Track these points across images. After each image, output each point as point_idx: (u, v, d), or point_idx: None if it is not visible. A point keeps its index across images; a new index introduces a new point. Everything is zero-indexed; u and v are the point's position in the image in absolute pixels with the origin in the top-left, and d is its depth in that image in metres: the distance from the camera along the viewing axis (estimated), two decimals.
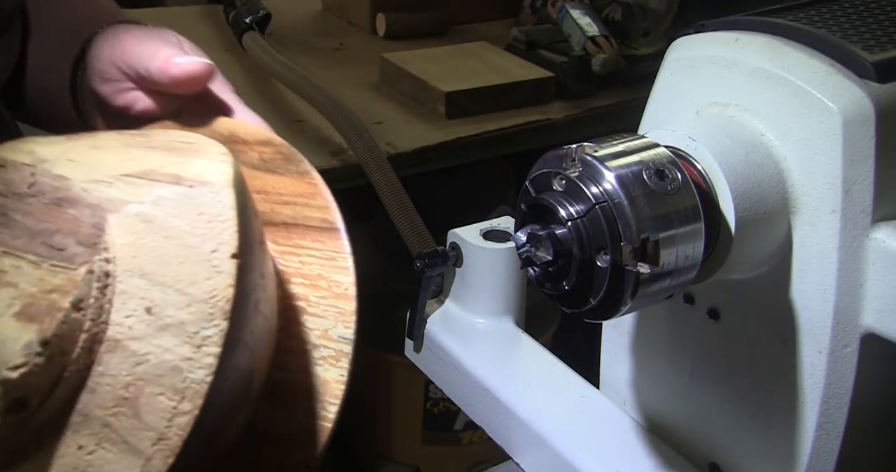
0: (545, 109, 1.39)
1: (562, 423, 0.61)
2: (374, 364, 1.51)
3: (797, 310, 0.49)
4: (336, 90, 0.98)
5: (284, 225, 0.50)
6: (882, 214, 0.46)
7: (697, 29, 0.53)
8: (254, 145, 0.52)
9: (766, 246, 0.48)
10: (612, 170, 0.42)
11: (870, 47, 0.48)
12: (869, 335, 0.47)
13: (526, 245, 0.46)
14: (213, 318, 0.37)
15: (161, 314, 0.37)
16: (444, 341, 0.70)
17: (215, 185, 0.41)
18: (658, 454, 0.59)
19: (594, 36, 1.43)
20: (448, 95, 1.32)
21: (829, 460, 0.50)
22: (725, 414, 0.55)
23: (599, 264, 0.43)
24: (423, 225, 0.72)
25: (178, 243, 0.39)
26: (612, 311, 0.44)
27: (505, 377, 0.66)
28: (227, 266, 0.38)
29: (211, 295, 0.37)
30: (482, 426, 0.67)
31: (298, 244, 0.49)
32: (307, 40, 1.63)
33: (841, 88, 0.46)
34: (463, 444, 1.55)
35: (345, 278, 0.48)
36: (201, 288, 0.38)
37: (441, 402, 1.50)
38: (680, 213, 0.43)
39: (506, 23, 1.73)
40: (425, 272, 0.69)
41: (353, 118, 0.89)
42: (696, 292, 0.54)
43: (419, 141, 1.26)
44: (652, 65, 1.25)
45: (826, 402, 0.49)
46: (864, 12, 0.53)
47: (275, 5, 1.32)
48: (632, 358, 0.61)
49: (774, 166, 0.47)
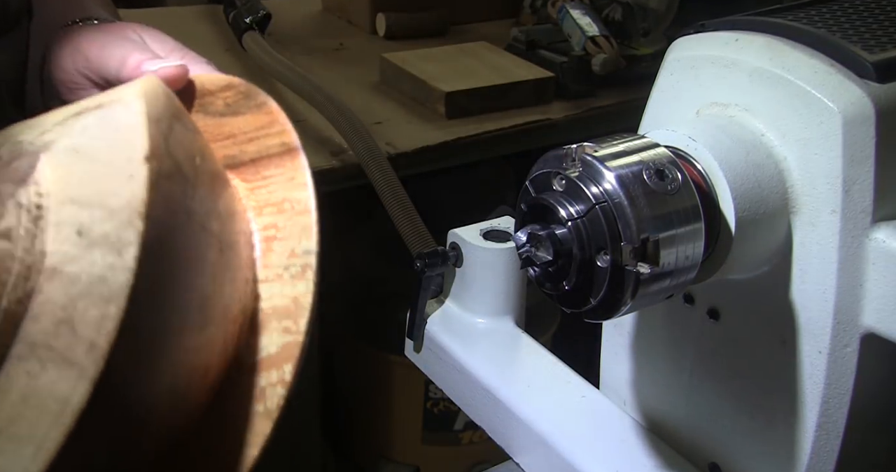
0: (545, 109, 1.39)
1: (562, 423, 0.61)
2: (374, 364, 1.51)
3: (797, 310, 0.49)
4: (336, 90, 0.98)
5: (252, 162, 0.51)
6: (882, 215, 0.46)
7: (697, 29, 0.53)
8: (218, 93, 0.54)
9: (766, 246, 0.48)
10: (612, 170, 0.42)
11: (870, 47, 0.48)
12: (869, 335, 0.47)
13: (526, 245, 0.46)
14: (132, 221, 0.39)
15: (89, 233, 0.39)
16: (444, 341, 0.70)
17: (125, 99, 0.43)
18: (658, 454, 0.59)
19: (594, 36, 1.43)
20: (448, 95, 1.32)
21: (829, 460, 0.50)
22: (725, 414, 0.55)
23: (599, 264, 0.43)
24: (423, 225, 0.72)
25: (100, 162, 0.40)
26: (612, 311, 0.44)
27: (505, 377, 0.66)
28: (140, 171, 0.40)
29: (128, 201, 0.39)
30: (482, 426, 0.67)
31: (265, 176, 0.51)
32: (307, 40, 1.63)
33: (841, 88, 0.46)
34: (463, 444, 1.55)
35: (303, 194, 0.49)
36: (120, 196, 0.39)
37: (441, 402, 1.50)
38: (680, 213, 0.43)
39: (506, 23, 1.73)
40: (425, 272, 0.69)
41: (353, 118, 0.89)
42: (696, 292, 0.54)
43: (419, 141, 1.26)
44: (652, 65, 1.25)
45: (826, 402, 0.49)
46: (864, 12, 0.53)
47: (275, 5, 1.32)
48: (632, 358, 0.61)
49: (774, 166, 0.47)
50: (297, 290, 0.47)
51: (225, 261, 0.45)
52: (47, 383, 0.38)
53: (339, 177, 1.18)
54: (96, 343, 0.38)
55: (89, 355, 0.37)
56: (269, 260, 0.48)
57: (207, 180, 0.46)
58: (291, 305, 0.47)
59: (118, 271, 0.38)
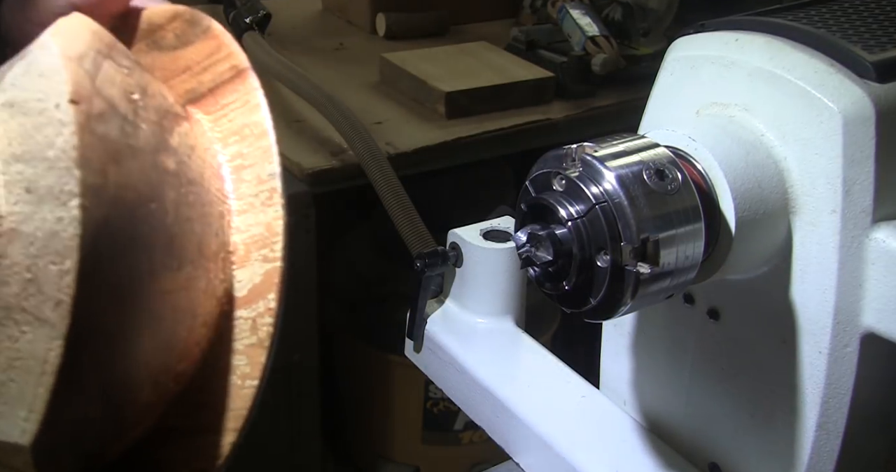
0: (545, 109, 1.39)
1: (562, 423, 0.61)
2: (374, 364, 1.51)
3: (797, 310, 0.49)
4: (336, 90, 0.98)
5: (210, 92, 0.50)
6: (882, 215, 0.46)
7: (697, 29, 0.53)
8: (166, 26, 0.53)
9: (766, 246, 0.48)
10: (612, 170, 0.42)
11: (870, 47, 0.48)
12: (869, 335, 0.47)
13: (526, 245, 0.46)
14: (69, 170, 0.38)
15: (36, 189, 0.38)
16: (444, 341, 0.70)
17: (45, 43, 0.41)
18: (658, 454, 0.59)
19: (594, 36, 1.43)
20: (448, 95, 1.32)
21: (829, 460, 0.50)
22: (725, 414, 0.55)
23: (599, 264, 0.43)
24: (423, 225, 0.72)
25: (33, 113, 0.40)
26: (612, 311, 0.44)
27: (505, 377, 0.66)
28: (69, 115, 0.39)
29: (62, 149, 0.38)
30: (482, 426, 0.67)
31: (223, 104, 0.50)
32: (307, 40, 1.63)
33: (841, 88, 0.46)
34: (463, 444, 1.55)
35: (258, 116, 0.49)
36: (56, 146, 0.38)
37: (441, 402, 1.50)
38: (680, 213, 0.43)
39: (506, 23, 1.73)
40: (425, 272, 0.69)
41: (353, 118, 0.89)
42: (696, 292, 0.54)
43: (419, 141, 1.26)
44: (652, 65, 1.25)
45: (826, 402, 0.49)
46: (864, 12, 0.53)
47: (275, 5, 1.32)
48: (632, 358, 0.61)
49: (774, 166, 0.47)
50: (268, 215, 0.47)
51: (189, 197, 0.44)
52: (26, 345, 0.38)
53: (339, 177, 1.19)
54: (60, 299, 0.38)
55: (56, 312, 0.38)
56: (241, 190, 0.48)
57: (152, 116, 0.45)
58: (265, 232, 0.47)
59: (66, 224, 0.38)
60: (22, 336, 0.38)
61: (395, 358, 1.46)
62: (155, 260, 0.42)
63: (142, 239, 0.42)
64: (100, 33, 0.45)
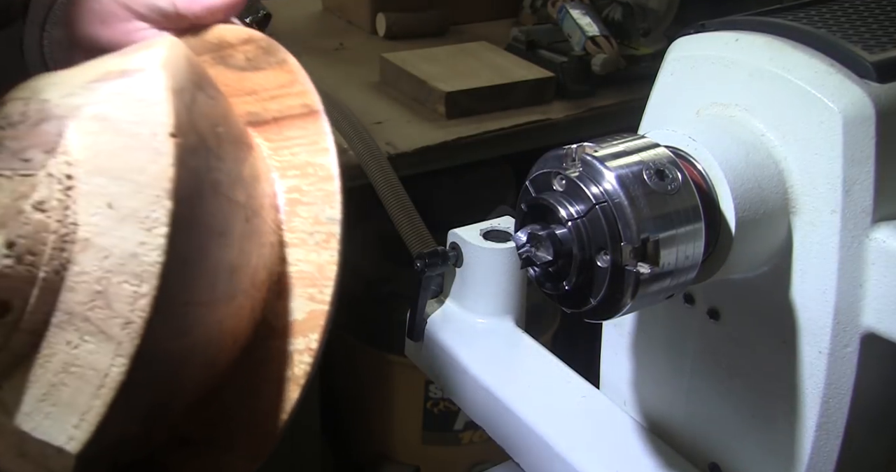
0: (545, 109, 1.39)
1: (562, 423, 0.61)
2: (374, 364, 1.51)
3: (797, 310, 0.49)
4: (336, 90, 0.98)
5: (274, 120, 0.50)
6: (882, 214, 0.46)
7: (697, 29, 0.53)
8: (238, 46, 0.52)
9: (766, 246, 0.48)
10: (612, 170, 0.42)
11: (870, 47, 0.48)
12: (869, 335, 0.47)
13: (526, 245, 0.46)
14: (159, 199, 0.39)
15: (119, 207, 0.39)
16: (444, 341, 0.70)
17: (148, 69, 0.42)
18: (658, 454, 0.59)
19: (594, 36, 1.43)
20: (448, 95, 1.32)
21: (829, 460, 0.50)
22: (725, 414, 0.55)
23: (599, 264, 0.43)
24: (423, 225, 0.73)
25: (126, 134, 0.40)
26: (612, 311, 0.44)
27: (505, 377, 0.66)
28: (167, 147, 0.40)
29: (155, 178, 0.39)
30: (482, 426, 0.67)
31: (287, 136, 0.50)
32: (307, 40, 1.63)
33: (841, 88, 0.46)
34: (463, 444, 1.54)
35: (326, 160, 0.49)
36: (148, 173, 0.39)
37: (441, 402, 1.49)
38: (680, 213, 0.43)
39: (506, 23, 1.73)
40: (425, 272, 0.69)
41: (353, 118, 0.89)
42: (696, 292, 0.54)
43: (419, 141, 1.26)
44: (652, 65, 1.25)
45: (826, 402, 0.49)
46: (864, 12, 0.53)
47: (275, 5, 1.32)
48: (632, 358, 0.61)
49: (775, 166, 0.47)
50: (322, 258, 0.47)
51: (251, 228, 0.45)
52: (86, 354, 0.39)
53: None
54: (132, 320, 0.38)
55: (125, 332, 0.38)
56: (294, 224, 0.48)
57: (231, 147, 0.45)
58: (316, 273, 0.47)
59: (149, 249, 0.38)
60: (83, 344, 0.39)
61: (395, 358, 1.46)
62: (217, 289, 0.43)
63: (210, 270, 0.42)
64: (194, 63, 0.46)
